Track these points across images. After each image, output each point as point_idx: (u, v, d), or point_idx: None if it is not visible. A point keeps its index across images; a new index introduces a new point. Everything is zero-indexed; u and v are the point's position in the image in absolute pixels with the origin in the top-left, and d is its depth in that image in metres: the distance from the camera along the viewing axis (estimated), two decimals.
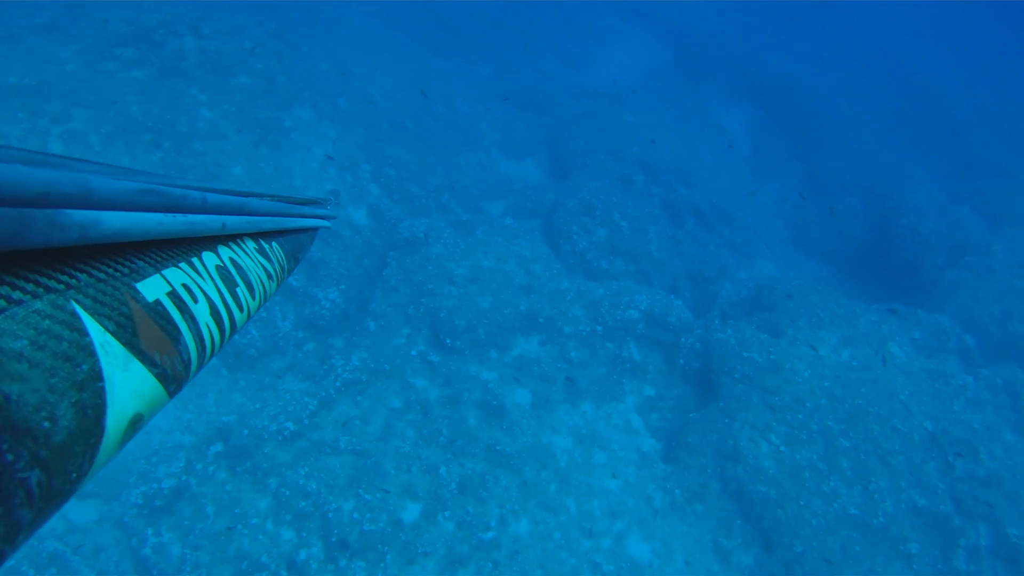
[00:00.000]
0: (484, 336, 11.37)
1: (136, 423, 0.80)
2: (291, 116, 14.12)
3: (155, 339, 0.87)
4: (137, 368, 0.80)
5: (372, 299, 12.05)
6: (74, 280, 0.75)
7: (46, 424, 0.60)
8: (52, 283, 0.71)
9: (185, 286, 1.03)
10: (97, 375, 0.71)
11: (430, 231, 13.05)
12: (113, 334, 0.77)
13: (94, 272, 0.80)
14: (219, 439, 9.63)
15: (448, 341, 11.27)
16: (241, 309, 1.26)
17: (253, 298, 1.35)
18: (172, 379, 0.89)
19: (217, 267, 1.20)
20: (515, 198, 16.36)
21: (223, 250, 1.28)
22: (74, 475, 0.65)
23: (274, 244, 1.66)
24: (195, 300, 1.04)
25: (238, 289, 1.26)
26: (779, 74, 24.94)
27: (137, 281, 0.89)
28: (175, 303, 0.97)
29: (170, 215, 0.95)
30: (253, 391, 10.87)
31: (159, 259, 0.99)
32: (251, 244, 1.46)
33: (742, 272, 17.01)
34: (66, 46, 12.96)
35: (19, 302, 0.64)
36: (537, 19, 25.05)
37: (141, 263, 0.93)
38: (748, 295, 14.05)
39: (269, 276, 1.52)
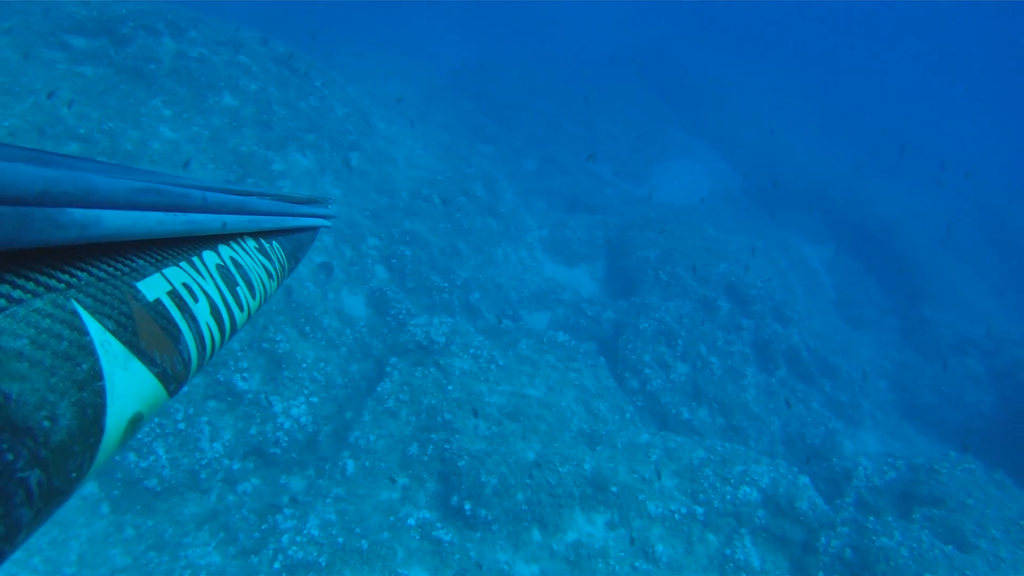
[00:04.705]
0: (524, 505, 7.27)
1: (136, 422, 0.77)
2: (284, 159, 10.48)
3: (155, 338, 0.84)
4: (137, 367, 0.77)
5: (356, 424, 8.11)
6: (75, 279, 0.73)
7: (46, 423, 0.59)
8: (53, 282, 0.69)
9: (186, 285, 1.00)
10: (97, 374, 0.69)
11: (453, 336, 9.19)
12: (113, 333, 0.75)
13: (95, 271, 0.78)
14: None
15: (467, 507, 7.18)
16: (242, 308, 1.22)
17: (254, 297, 1.31)
18: (172, 378, 0.86)
19: (218, 266, 1.17)
20: (564, 311, 12.50)
21: (224, 249, 1.24)
22: (74, 474, 0.63)
23: (275, 243, 1.60)
24: (196, 299, 1.01)
25: (239, 288, 1.22)
26: (873, 213, 21.62)
27: (138, 280, 0.86)
28: (175, 302, 0.94)
29: (171, 214, 0.92)
30: (142, 550, 6.84)
31: (160, 258, 0.96)
32: (252, 243, 1.42)
33: (848, 442, 12.95)
34: (0, 21, 9.59)
35: (19, 301, 0.62)
36: (595, 120, 22.08)
37: (142, 262, 0.90)
38: (897, 479, 9.84)
39: (270, 275, 1.46)
